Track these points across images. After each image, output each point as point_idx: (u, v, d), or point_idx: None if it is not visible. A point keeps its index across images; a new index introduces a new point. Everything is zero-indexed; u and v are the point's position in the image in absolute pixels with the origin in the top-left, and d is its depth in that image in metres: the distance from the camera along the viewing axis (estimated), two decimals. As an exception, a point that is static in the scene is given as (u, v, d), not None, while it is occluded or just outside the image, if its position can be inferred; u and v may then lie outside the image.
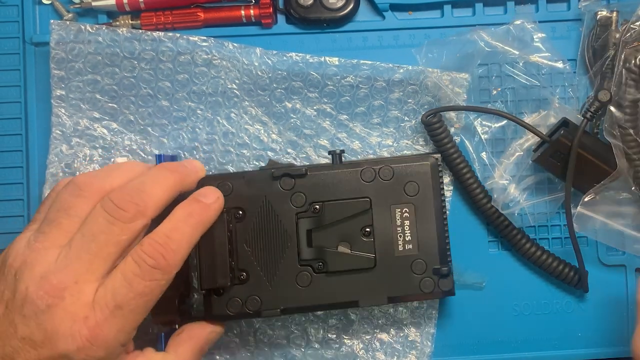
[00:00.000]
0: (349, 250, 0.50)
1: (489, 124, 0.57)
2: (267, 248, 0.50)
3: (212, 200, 0.47)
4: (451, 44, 0.56)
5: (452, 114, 0.57)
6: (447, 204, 0.56)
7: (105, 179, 0.45)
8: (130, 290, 0.42)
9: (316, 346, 0.56)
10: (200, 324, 0.49)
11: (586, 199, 0.53)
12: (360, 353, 0.56)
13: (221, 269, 0.48)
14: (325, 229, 0.50)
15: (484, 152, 0.56)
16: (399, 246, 0.50)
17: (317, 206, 0.50)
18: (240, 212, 0.50)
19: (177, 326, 0.49)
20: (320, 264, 0.49)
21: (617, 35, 0.55)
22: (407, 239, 0.50)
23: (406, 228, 0.50)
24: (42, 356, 0.41)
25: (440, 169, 0.51)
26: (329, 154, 0.53)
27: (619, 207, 0.54)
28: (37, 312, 0.41)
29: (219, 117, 0.57)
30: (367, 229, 0.50)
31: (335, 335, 0.56)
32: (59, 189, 0.46)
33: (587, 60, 0.57)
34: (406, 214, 0.50)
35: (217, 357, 0.56)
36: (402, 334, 0.57)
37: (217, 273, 0.48)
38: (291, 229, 0.50)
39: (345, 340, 0.56)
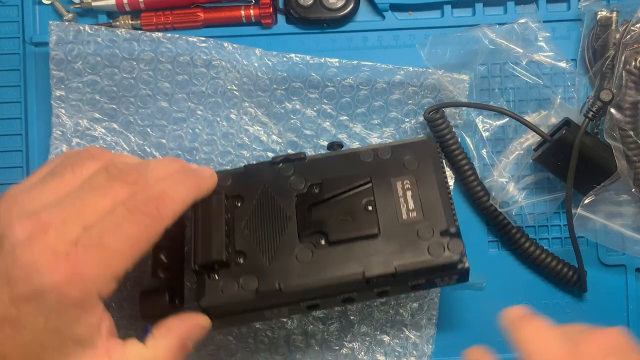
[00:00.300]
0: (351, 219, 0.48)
1: (490, 122, 0.57)
2: (266, 228, 0.48)
3: (207, 174, 0.48)
4: (455, 41, 0.56)
5: (454, 112, 0.57)
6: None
7: (117, 155, 0.46)
8: (118, 233, 0.41)
9: (316, 348, 0.56)
10: (183, 316, 0.45)
11: (586, 201, 0.53)
12: (361, 355, 0.56)
13: (217, 244, 0.47)
14: (326, 204, 0.48)
15: (484, 150, 0.56)
16: (403, 214, 0.48)
17: (317, 186, 0.49)
18: (239, 202, 0.49)
19: None
20: (322, 238, 0.47)
21: (617, 36, 0.55)
22: (410, 207, 0.48)
23: (408, 197, 0.48)
24: (16, 293, 0.39)
25: (438, 150, 0.51)
26: (328, 148, 0.53)
27: (619, 209, 0.54)
28: (16, 244, 0.39)
29: (218, 118, 0.57)
30: (369, 204, 0.48)
31: (335, 337, 0.56)
32: (70, 153, 0.46)
33: (587, 60, 0.57)
34: (407, 185, 0.49)
35: (218, 356, 0.57)
36: (402, 335, 0.57)
37: (212, 248, 0.46)
38: (290, 208, 0.48)
39: (345, 342, 0.56)
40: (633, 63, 0.53)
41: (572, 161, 0.52)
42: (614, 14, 0.56)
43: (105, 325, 0.41)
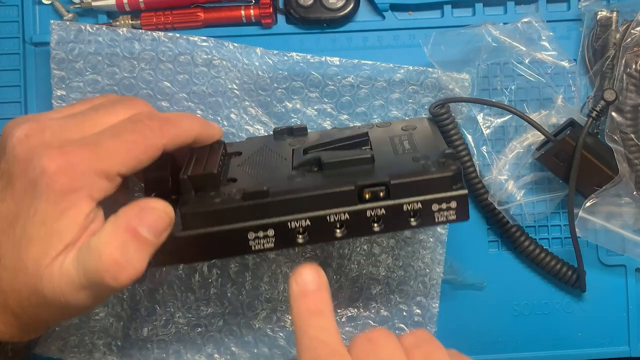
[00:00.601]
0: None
1: (492, 119, 0.57)
2: (260, 165, 0.48)
3: (215, 124, 0.49)
4: (458, 38, 0.56)
5: (456, 108, 0.57)
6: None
7: None
8: (116, 137, 0.41)
9: (317, 347, 0.56)
10: (134, 201, 0.42)
11: (588, 204, 0.53)
12: (361, 353, 0.56)
13: (211, 161, 0.46)
14: (322, 148, 0.48)
15: (484, 147, 0.57)
16: (398, 151, 0.47)
17: (314, 143, 0.49)
18: (237, 156, 0.50)
19: None
20: (315, 167, 0.46)
21: (618, 36, 0.55)
22: (406, 148, 0.47)
23: (405, 144, 0.48)
24: (16, 190, 0.40)
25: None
26: None
27: (620, 212, 0.54)
28: (15, 143, 0.40)
29: (219, 118, 0.56)
30: (366, 150, 0.47)
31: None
32: None
33: (587, 60, 0.57)
34: (405, 139, 0.49)
35: (217, 356, 0.57)
36: (403, 334, 0.56)
37: (205, 164, 0.45)
38: (287, 154, 0.48)
39: (346, 340, 0.56)
40: (633, 66, 0.53)
41: (575, 161, 0.53)
42: (614, 14, 0.56)
43: (94, 227, 0.41)
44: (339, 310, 0.56)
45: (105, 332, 0.56)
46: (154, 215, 0.41)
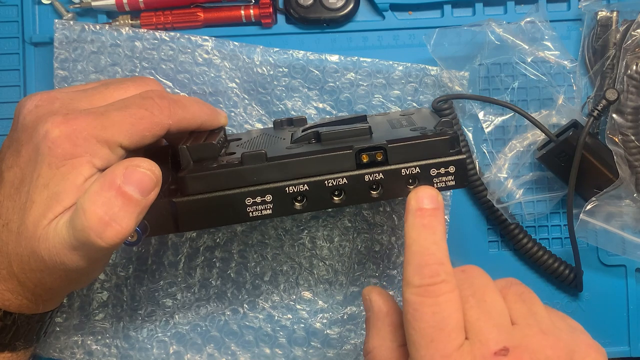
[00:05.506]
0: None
1: (492, 118, 0.57)
2: (259, 145, 0.48)
3: (223, 113, 0.50)
4: (462, 34, 0.56)
5: (457, 106, 0.57)
6: (448, 200, 0.56)
7: None
8: (123, 110, 0.42)
9: (318, 345, 0.56)
10: (121, 161, 0.42)
11: (589, 207, 0.53)
12: (360, 358, 0.56)
13: (211, 136, 0.47)
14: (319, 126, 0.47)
15: (484, 145, 0.57)
16: (396, 126, 0.47)
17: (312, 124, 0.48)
18: (236, 140, 0.50)
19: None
20: (313, 139, 0.46)
21: (618, 36, 0.55)
22: (404, 124, 0.48)
23: (403, 122, 0.48)
24: (22, 157, 0.42)
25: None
26: None
27: (621, 214, 0.54)
28: (26, 114, 0.42)
29: (219, 117, 0.57)
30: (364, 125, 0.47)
31: (337, 334, 0.56)
32: None
33: (587, 60, 0.57)
34: (403, 120, 0.49)
35: (217, 356, 0.56)
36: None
37: (206, 139, 0.46)
38: (286, 136, 0.48)
39: (348, 339, 0.56)
40: (634, 68, 0.53)
41: (575, 160, 0.53)
42: (614, 14, 0.56)
43: None
44: (341, 307, 0.57)
45: (105, 332, 0.56)
46: (138, 173, 0.40)
